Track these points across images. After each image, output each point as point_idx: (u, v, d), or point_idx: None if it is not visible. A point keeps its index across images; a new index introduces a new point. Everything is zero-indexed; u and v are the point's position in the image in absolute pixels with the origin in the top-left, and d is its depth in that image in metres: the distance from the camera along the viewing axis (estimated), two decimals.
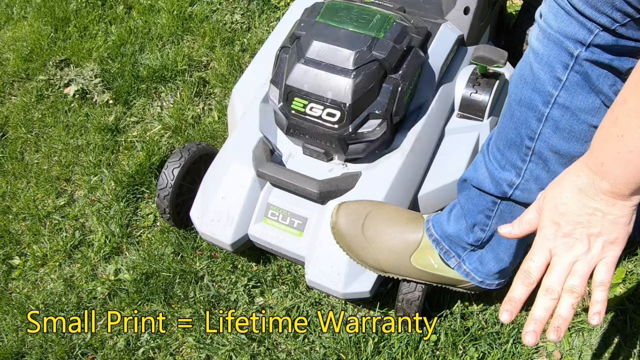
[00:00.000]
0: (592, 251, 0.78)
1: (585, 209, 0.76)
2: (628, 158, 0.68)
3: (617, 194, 0.73)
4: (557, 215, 0.78)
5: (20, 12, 2.48)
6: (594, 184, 0.74)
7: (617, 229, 0.77)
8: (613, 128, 0.69)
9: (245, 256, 1.59)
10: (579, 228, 0.77)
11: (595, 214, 0.76)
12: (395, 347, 1.37)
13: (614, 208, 0.75)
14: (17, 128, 2.04)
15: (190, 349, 1.45)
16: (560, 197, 0.78)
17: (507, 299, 0.81)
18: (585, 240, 0.78)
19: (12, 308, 1.58)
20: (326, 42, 1.29)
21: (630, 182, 0.71)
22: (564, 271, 0.79)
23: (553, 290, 0.79)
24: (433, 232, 1.22)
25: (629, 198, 0.74)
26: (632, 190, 0.72)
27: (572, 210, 0.77)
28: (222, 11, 2.28)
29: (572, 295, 0.78)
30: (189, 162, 1.53)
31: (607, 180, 0.72)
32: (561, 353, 1.38)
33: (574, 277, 0.78)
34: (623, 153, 0.68)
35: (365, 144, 1.35)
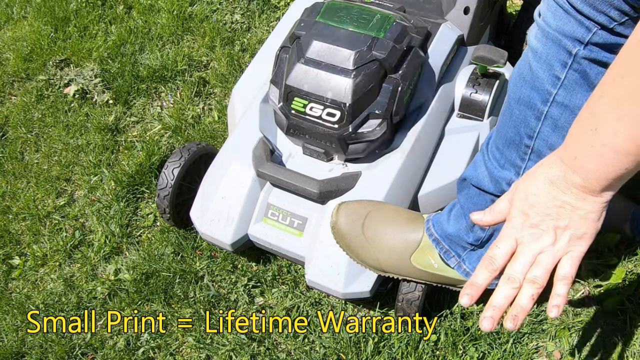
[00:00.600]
0: (558, 244, 0.77)
1: (555, 202, 0.75)
2: (601, 152, 0.67)
3: (588, 188, 0.72)
4: (527, 205, 0.78)
5: (20, 12, 2.48)
6: (566, 177, 0.73)
7: (585, 224, 0.76)
8: (588, 122, 0.68)
9: (245, 256, 1.59)
10: (547, 220, 0.77)
11: (565, 207, 0.75)
12: (395, 347, 1.37)
13: (584, 203, 0.74)
14: (17, 128, 2.04)
15: (190, 349, 1.45)
16: (531, 188, 0.77)
17: (469, 284, 0.81)
18: (552, 233, 0.77)
19: (12, 308, 1.58)
20: (326, 42, 1.29)
21: (601, 177, 0.70)
22: (528, 261, 0.79)
23: (515, 279, 0.79)
24: (433, 231, 1.22)
25: (600, 194, 0.73)
26: (603, 186, 0.71)
27: (541, 202, 0.76)
28: (222, 11, 2.28)
29: (533, 286, 0.78)
30: (189, 162, 1.53)
31: (579, 174, 0.72)
32: (561, 353, 1.38)
33: (537, 268, 0.78)
34: (596, 147, 0.67)
35: (365, 144, 1.35)
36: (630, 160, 0.66)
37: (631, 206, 1.51)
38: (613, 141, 0.65)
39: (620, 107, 0.63)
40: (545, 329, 1.42)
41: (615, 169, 0.68)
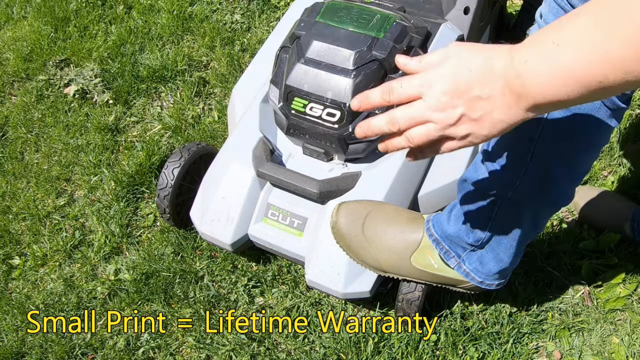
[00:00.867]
0: (454, 129, 0.73)
1: (482, 91, 0.69)
2: (553, 68, 0.63)
3: (520, 98, 0.68)
4: (456, 73, 0.71)
5: (20, 12, 2.48)
6: (508, 75, 0.68)
7: (490, 130, 0.72)
8: (553, 34, 0.64)
9: (245, 256, 1.59)
10: (462, 101, 0.71)
11: (487, 102, 0.70)
12: (395, 347, 1.37)
13: (507, 110, 0.70)
14: (17, 128, 2.04)
15: (190, 349, 1.45)
16: (470, 64, 0.71)
17: (364, 94, 0.79)
18: (456, 115, 0.72)
19: (12, 308, 1.58)
20: (326, 42, 1.29)
21: (541, 94, 0.66)
22: (417, 119, 0.74)
23: (396, 124, 0.76)
24: (433, 232, 1.22)
25: (526, 111, 0.69)
26: (536, 103, 0.67)
27: (471, 82, 0.70)
28: (222, 11, 2.28)
29: (407, 141, 0.76)
30: (189, 162, 1.53)
31: (522, 79, 0.66)
32: (561, 353, 1.38)
33: (420, 129, 0.74)
34: (552, 62, 0.63)
35: (365, 143, 1.35)
36: (577, 88, 0.63)
37: (631, 206, 1.51)
38: (570, 63, 0.62)
39: (590, 32, 0.60)
40: (545, 329, 1.42)
41: (559, 92, 0.64)
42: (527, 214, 1.09)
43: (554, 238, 1.55)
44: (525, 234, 1.14)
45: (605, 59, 0.59)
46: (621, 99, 0.95)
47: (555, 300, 1.46)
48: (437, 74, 0.72)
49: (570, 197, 1.09)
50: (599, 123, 0.96)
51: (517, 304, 1.44)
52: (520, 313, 1.44)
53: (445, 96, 0.72)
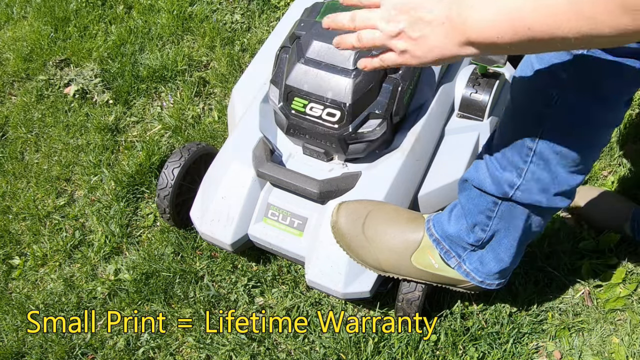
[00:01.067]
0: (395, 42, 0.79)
1: (427, 14, 0.74)
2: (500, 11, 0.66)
3: (458, 31, 0.72)
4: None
5: (20, 12, 2.48)
6: (452, 6, 0.72)
7: (427, 53, 0.76)
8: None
9: (245, 256, 1.59)
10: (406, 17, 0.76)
11: (427, 26, 0.74)
12: (395, 347, 1.37)
13: (445, 38, 0.73)
14: (17, 128, 2.04)
15: (190, 349, 1.45)
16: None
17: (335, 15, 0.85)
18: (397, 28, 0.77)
19: (12, 308, 1.58)
20: (326, 42, 1.29)
21: (479, 32, 0.69)
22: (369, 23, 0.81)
23: (353, 20, 0.82)
24: (434, 231, 1.22)
25: (464, 45, 0.73)
26: (472, 40, 0.71)
27: (421, 2, 0.75)
28: (222, 11, 2.28)
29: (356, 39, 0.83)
30: (189, 162, 1.53)
31: (463, 15, 0.70)
32: (561, 353, 1.38)
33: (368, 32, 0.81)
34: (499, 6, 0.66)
35: (366, 143, 1.35)
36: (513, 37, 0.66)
37: (631, 206, 1.51)
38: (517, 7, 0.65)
39: None
40: (545, 329, 1.42)
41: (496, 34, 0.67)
42: (527, 214, 1.09)
43: (554, 238, 1.55)
44: (525, 234, 1.14)
45: (553, 12, 0.61)
46: (622, 100, 0.95)
47: (555, 300, 1.46)
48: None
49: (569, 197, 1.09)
50: (600, 123, 0.96)
51: (517, 304, 1.44)
52: (520, 313, 1.44)
53: (394, 10, 0.77)
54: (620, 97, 0.94)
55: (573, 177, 1.02)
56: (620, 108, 0.97)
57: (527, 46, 0.67)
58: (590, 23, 0.60)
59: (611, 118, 0.97)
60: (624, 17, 0.57)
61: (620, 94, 0.94)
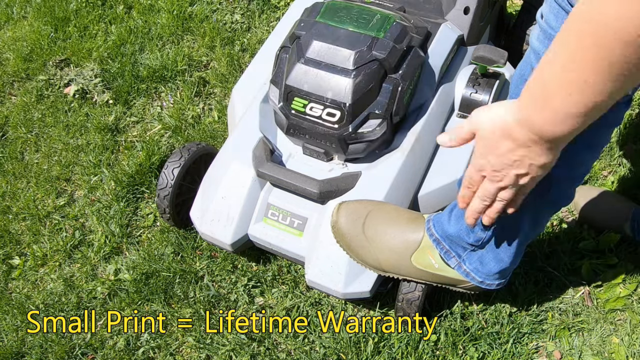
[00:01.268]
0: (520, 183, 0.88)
1: (514, 155, 0.83)
2: (551, 115, 0.73)
3: (545, 144, 0.79)
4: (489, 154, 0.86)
5: (20, 12, 2.48)
6: (524, 134, 0.79)
7: (543, 171, 0.85)
8: (539, 89, 0.74)
9: (245, 256, 1.59)
10: (508, 168, 0.85)
11: (524, 159, 0.83)
12: (395, 347, 1.37)
13: (541, 156, 0.82)
14: (17, 128, 2.04)
15: (190, 349, 1.45)
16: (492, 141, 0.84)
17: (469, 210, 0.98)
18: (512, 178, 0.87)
19: (12, 308, 1.58)
20: (326, 42, 1.29)
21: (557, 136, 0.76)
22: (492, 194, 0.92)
23: (485, 199, 0.94)
24: (434, 231, 1.22)
25: (557, 148, 0.81)
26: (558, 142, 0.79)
27: (502, 155, 0.84)
28: (222, 11, 2.28)
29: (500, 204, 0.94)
30: (189, 162, 1.53)
31: (532, 131, 0.78)
32: (561, 353, 1.38)
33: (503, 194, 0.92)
34: (546, 110, 0.73)
35: (365, 143, 1.35)
36: (579, 119, 0.72)
37: (631, 206, 1.51)
38: (559, 105, 0.71)
39: (563, 76, 0.69)
40: (545, 329, 1.42)
41: (567, 127, 0.74)
42: (528, 214, 1.09)
43: (554, 238, 1.55)
44: (525, 234, 1.14)
45: (587, 90, 0.67)
46: (622, 99, 0.95)
47: (555, 300, 1.46)
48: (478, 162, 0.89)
49: (570, 197, 1.09)
50: (600, 124, 0.96)
51: (517, 304, 1.44)
52: (520, 313, 1.44)
53: (495, 172, 0.88)
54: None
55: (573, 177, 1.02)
56: (621, 108, 0.97)
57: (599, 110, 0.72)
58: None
59: (611, 118, 0.97)
60: None
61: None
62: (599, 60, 0.64)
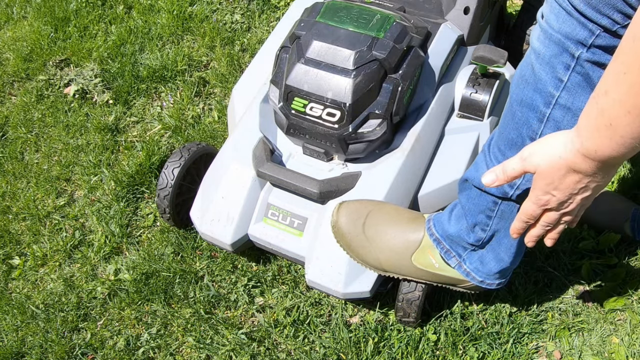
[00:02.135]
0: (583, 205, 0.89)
1: (580, 184, 0.84)
2: (619, 142, 0.74)
3: (606, 168, 0.80)
4: (552, 189, 0.86)
5: (20, 12, 2.48)
6: (588, 165, 0.80)
7: (603, 188, 0.87)
8: (600, 119, 0.74)
9: (245, 256, 1.59)
10: (573, 196, 0.87)
11: (589, 185, 0.84)
12: (395, 347, 1.37)
13: (603, 178, 0.83)
14: (17, 128, 2.04)
15: (190, 349, 1.45)
16: (553, 177, 0.84)
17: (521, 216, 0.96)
18: (579, 203, 0.88)
19: (12, 308, 1.58)
20: (326, 42, 1.29)
21: (620, 158, 0.78)
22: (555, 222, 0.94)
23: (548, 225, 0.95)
24: (434, 231, 1.22)
25: (613, 169, 0.82)
26: (621, 163, 0.82)
27: (566, 187, 0.85)
28: (222, 11, 2.28)
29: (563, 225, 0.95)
30: (189, 162, 1.53)
31: (600, 161, 0.79)
32: (561, 353, 1.38)
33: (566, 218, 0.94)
34: (615, 138, 0.74)
35: (365, 143, 1.35)
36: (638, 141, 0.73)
37: (631, 206, 1.51)
38: (628, 131, 0.72)
39: (627, 101, 0.69)
40: (545, 329, 1.42)
41: (633, 150, 0.75)
42: None
43: None
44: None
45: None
46: None
47: (555, 300, 1.46)
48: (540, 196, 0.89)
49: None
50: None
51: (517, 304, 1.44)
52: (520, 313, 1.44)
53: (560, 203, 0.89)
54: None
55: None
56: None
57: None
58: None
59: None
60: None
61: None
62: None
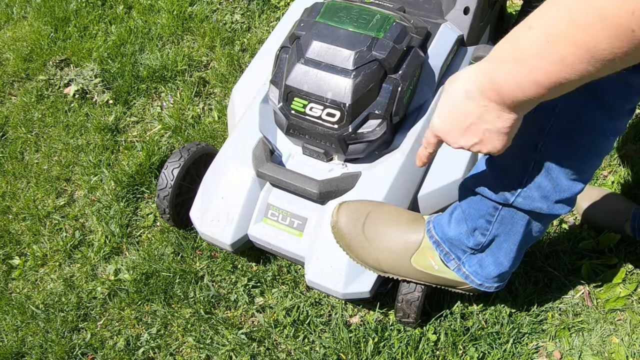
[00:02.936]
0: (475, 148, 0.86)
1: (471, 117, 0.81)
2: (520, 82, 0.72)
3: (504, 106, 0.78)
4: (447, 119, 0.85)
5: (20, 12, 2.48)
6: (485, 94, 0.78)
7: (498, 140, 0.83)
8: (511, 50, 0.72)
9: (245, 256, 1.59)
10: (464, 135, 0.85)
11: (480, 122, 0.82)
12: (395, 347, 1.37)
13: (498, 120, 0.80)
14: (17, 128, 2.04)
15: (190, 349, 1.45)
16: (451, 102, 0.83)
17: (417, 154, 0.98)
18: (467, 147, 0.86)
19: (12, 308, 1.58)
20: (326, 42, 1.29)
21: (517, 99, 0.75)
22: None
23: None
24: (434, 233, 1.22)
25: (512, 111, 0.79)
26: (518, 106, 0.77)
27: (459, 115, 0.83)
28: (222, 11, 2.28)
29: None
30: (188, 162, 1.53)
31: (497, 93, 0.76)
32: (561, 353, 1.38)
33: None
34: (517, 76, 0.72)
35: (365, 144, 1.35)
36: (543, 90, 0.71)
37: (631, 206, 1.51)
38: (533, 74, 0.69)
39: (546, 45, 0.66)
40: (545, 329, 1.42)
41: (531, 95, 0.73)
42: (528, 220, 1.09)
43: (554, 238, 1.55)
44: (525, 239, 1.13)
45: (561, 66, 0.66)
46: (625, 108, 0.95)
47: (555, 300, 1.46)
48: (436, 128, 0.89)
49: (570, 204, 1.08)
50: (603, 132, 0.96)
51: (517, 304, 1.44)
52: (520, 313, 1.44)
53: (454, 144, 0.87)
54: (624, 105, 0.94)
55: (574, 184, 1.01)
56: (623, 117, 0.96)
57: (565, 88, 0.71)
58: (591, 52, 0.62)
59: (614, 127, 0.97)
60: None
61: (624, 103, 0.93)
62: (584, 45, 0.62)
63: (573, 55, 0.63)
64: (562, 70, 0.66)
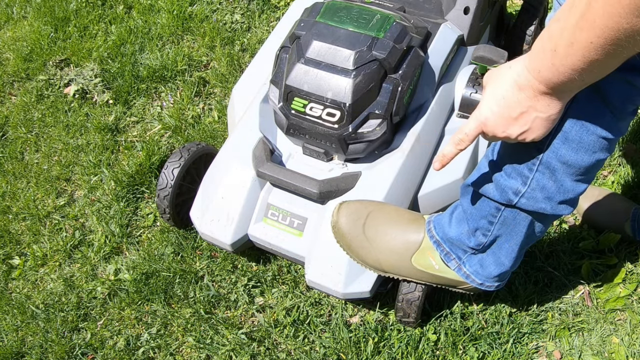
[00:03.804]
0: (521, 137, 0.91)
1: (521, 106, 0.87)
2: (559, 69, 0.78)
3: (551, 93, 0.84)
4: (496, 107, 0.89)
5: (20, 12, 2.48)
6: (532, 85, 0.84)
7: (545, 126, 0.89)
8: (548, 43, 0.79)
9: (245, 256, 1.59)
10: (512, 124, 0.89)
11: (530, 110, 0.87)
12: (395, 347, 1.37)
13: (547, 107, 0.86)
14: (17, 128, 2.04)
15: (190, 349, 1.45)
16: (500, 91, 0.88)
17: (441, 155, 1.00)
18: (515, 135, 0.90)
19: (12, 308, 1.58)
20: (326, 42, 1.29)
21: (561, 87, 0.82)
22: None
23: None
24: (434, 233, 1.21)
25: (560, 99, 0.85)
26: (563, 89, 0.83)
27: (509, 104, 0.87)
28: (222, 11, 2.28)
29: None
30: (188, 162, 1.53)
31: (543, 83, 0.82)
32: (561, 353, 1.38)
33: None
34: (556, 65, 0.78)
35: (365, 143, 1.35)
36: (584, 74, 0.77)
37: (631, 206, 1.51)
38: (568, 61, 0.76)
39: (573, 33, 0.73)
40: (545, 329, 1.42)
41: (573, 81, 0.79)
42: (530, 220, 1.09)
43: (554, 238, 1.55)
44: (527, 239, 1.13)
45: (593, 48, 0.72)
46: (629, 110, 0.95)
47: (555, 300, 1.46)
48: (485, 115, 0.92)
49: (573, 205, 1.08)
50: (606, 134, 0.96)
51: (517, 304, 1.44)
52: (520, 313, 1.44)
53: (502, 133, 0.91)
54: (628, 106, 0.94)
55: (578, 185, 1.01)
56: (626, 117, 0.97)
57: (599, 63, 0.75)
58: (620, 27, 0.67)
59: (617, 128, 0.97)
60: None
61: (628, 104, 0.94)
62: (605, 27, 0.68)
63: (598, 38, 0.70)
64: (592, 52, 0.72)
